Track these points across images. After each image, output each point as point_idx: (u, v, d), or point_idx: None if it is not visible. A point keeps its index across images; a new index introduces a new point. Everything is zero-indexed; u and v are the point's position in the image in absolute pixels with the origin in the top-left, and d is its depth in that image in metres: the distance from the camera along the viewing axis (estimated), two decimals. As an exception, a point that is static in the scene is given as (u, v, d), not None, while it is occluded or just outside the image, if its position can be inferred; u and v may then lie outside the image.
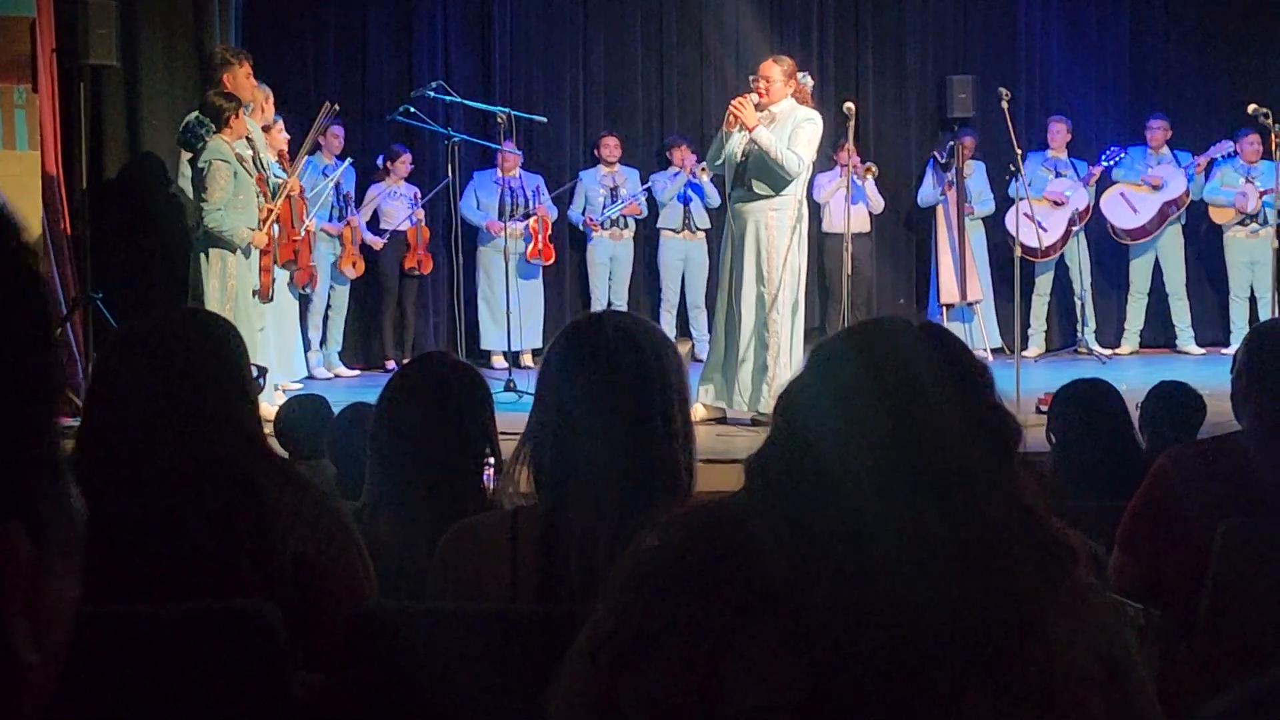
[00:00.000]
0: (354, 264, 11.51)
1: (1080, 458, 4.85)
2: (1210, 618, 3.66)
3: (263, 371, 3.25)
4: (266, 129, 9.25)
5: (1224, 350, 12.13)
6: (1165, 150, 12.42)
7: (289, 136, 9.66)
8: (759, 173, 8.18)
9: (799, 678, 1.64)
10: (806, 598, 1.67)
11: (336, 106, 10.25)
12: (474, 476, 3.41)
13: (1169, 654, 3.65)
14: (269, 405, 7.08)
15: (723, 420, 8.38)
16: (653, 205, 12.49)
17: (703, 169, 11.50)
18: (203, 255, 8.49)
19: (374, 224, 11.84)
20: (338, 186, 11.13)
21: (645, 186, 12.33)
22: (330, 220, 11.23)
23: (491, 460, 3.48)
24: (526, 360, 11.59)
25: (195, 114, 8.72)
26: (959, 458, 1.72)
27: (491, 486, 3.45)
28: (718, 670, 1.67)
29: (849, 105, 9.46)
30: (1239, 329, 12.17)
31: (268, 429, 3.63)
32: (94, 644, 2.27)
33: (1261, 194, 12.00)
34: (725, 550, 1.74)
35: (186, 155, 8.89)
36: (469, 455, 3.41)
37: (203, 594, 2.45)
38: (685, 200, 12.28)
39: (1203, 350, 12.46)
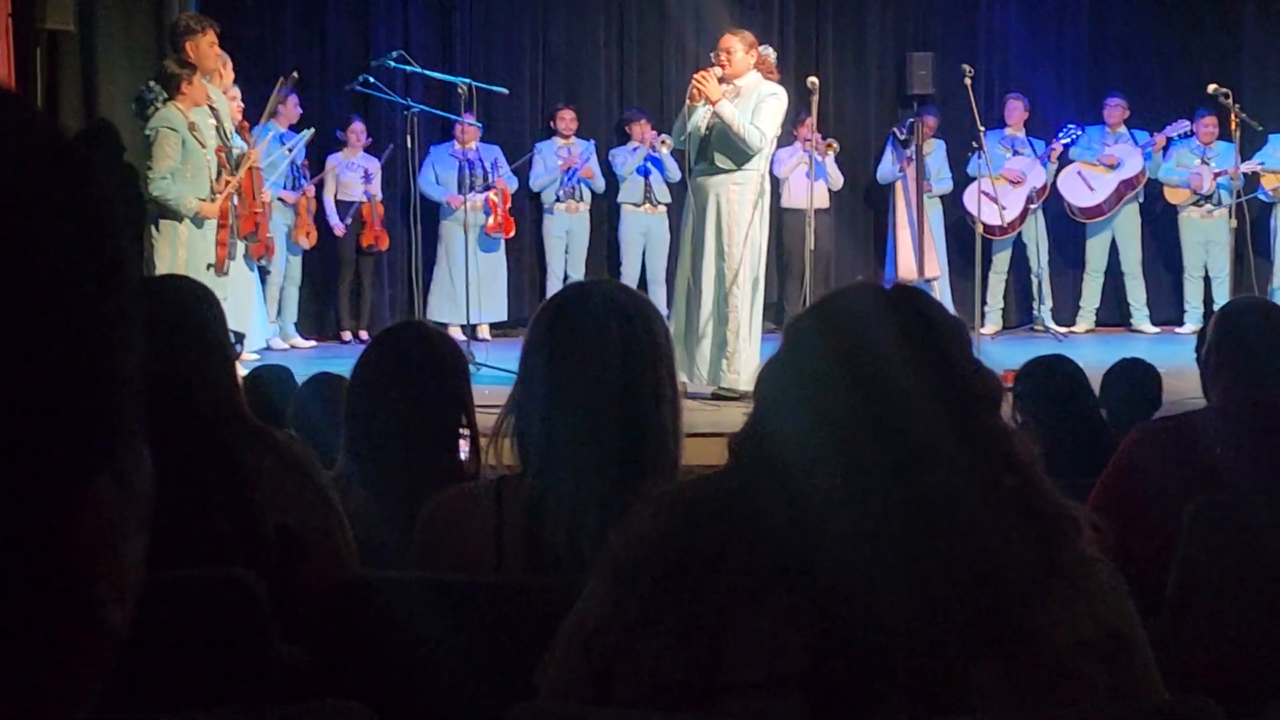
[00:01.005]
0: (308, 234, 11.45)
1: (1046, 434, 4.86)
2: (1177, 593, 3.68)
3: (239, 338, 3.23)
4: (223, 96, 9.17)
5: (1178, 329, 12.27)
6: (1123, 129, 12.47)
7: (244, 106, 9.57)
8: (722, 146, 8.14)
9: (802, 650, 1.64)
10: (806, 572, 1.66)
11: (296, 75, 10.18)
12: (449, 447, 3.40)
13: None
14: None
15: (683, 394, 8.33)
16: (613, 180, 12.45)
17: (663, 142, 11.54)
18: (153, 225, 8.35)
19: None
20: (293, 155, 11.06)
21: (584, 153, 12.30)
22: (286, 189, 11.15)
23: (466, 431, 3.47)
24: (483, 333, 11.56)
25: (150, 81, 8.64)
26: (930, 428, 1.71)
27: (466, 457, 3.45)
28: (717, 648, 1.66)
29: (813, 80, 9.46)
30: (1193, 308, 12.32)
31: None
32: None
33: (1216, 175, 12.10)
34: (718, 530, 1.73)
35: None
36: (444, 426, 3.40)
37: (185, 562, 2.42)
38: (645, 174, 12.23)
39: (1157, 329, 12.54)
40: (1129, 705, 1.60)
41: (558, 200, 12.35)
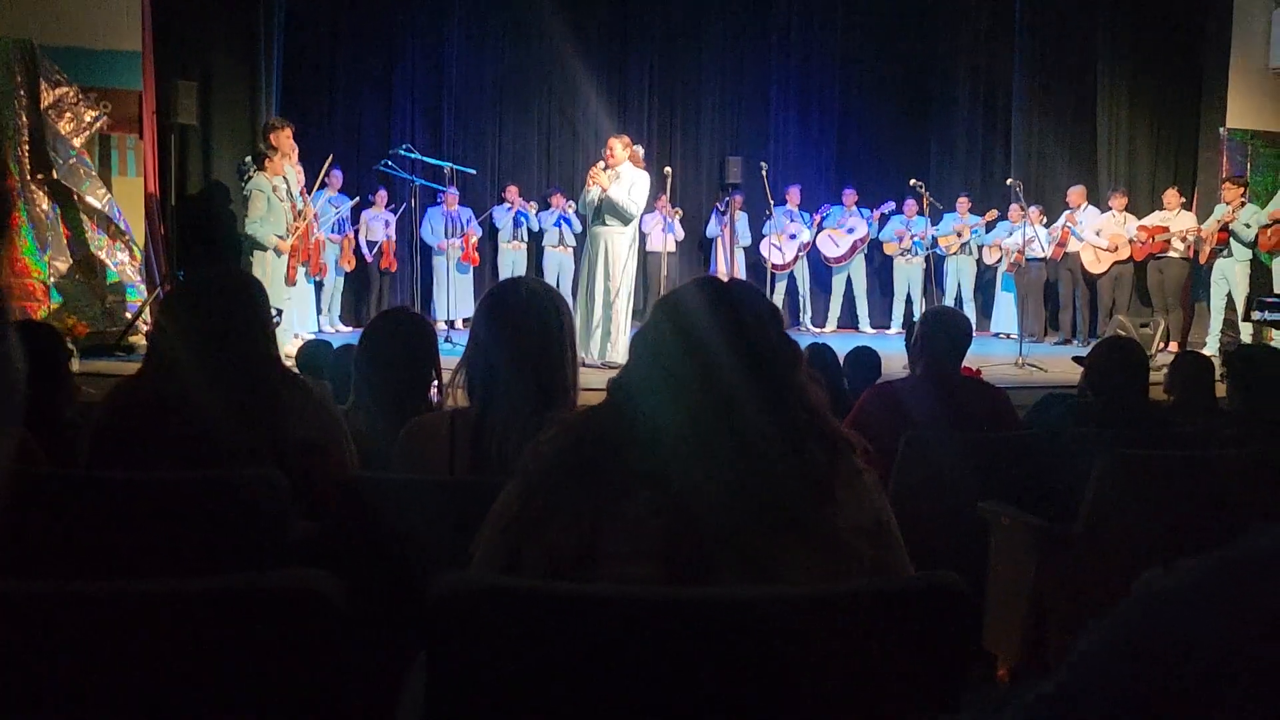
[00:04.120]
0: (349, 262, 11.09)
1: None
2: (896, 488, 3.53)
3: (279, 312, 2.93)
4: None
5: (888, 331, 12.23)
6: (854, 207, 12.42)
7: (304, 176, 9.15)
8: (609, 211, 7.93)
9: (658, 533, 1.42)
10: (661, 478, 1.44)
11: (332, 157, 9.80)
12: (424, 390, 3.14)
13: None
14: (290, 347, 6.86)
15: (581, 364, 8.09)
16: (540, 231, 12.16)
17: (570, 206, 11.30)
18: (249, 254, 8.12)
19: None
20: (340, 213, 10.70)
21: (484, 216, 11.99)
22: (335, 232, 10.78)
23: (435, 382, 3.22)
24: (458, 324, 11.27)
25: (247, 157, 8.34)
26: (736, 379, 1.48)
27: (435, 398, 3.20)
28: (596, 530, 1.44)
29: (668, 170, 9.30)
30: (897, 318, 12.33)
31: (291, 362, 3.32)
32: (127, 503, 1.98)
33: (913, 237, 12.12)
34: (597, 448, 1.50)
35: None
36: (420, 376, 3.13)
37: (233, 463, 2.15)
38: (558, 225, 11.95)
39: (874, 330, 12.49)
40: (892, 579, 1.40)
41: (506, 241, 12.02)
